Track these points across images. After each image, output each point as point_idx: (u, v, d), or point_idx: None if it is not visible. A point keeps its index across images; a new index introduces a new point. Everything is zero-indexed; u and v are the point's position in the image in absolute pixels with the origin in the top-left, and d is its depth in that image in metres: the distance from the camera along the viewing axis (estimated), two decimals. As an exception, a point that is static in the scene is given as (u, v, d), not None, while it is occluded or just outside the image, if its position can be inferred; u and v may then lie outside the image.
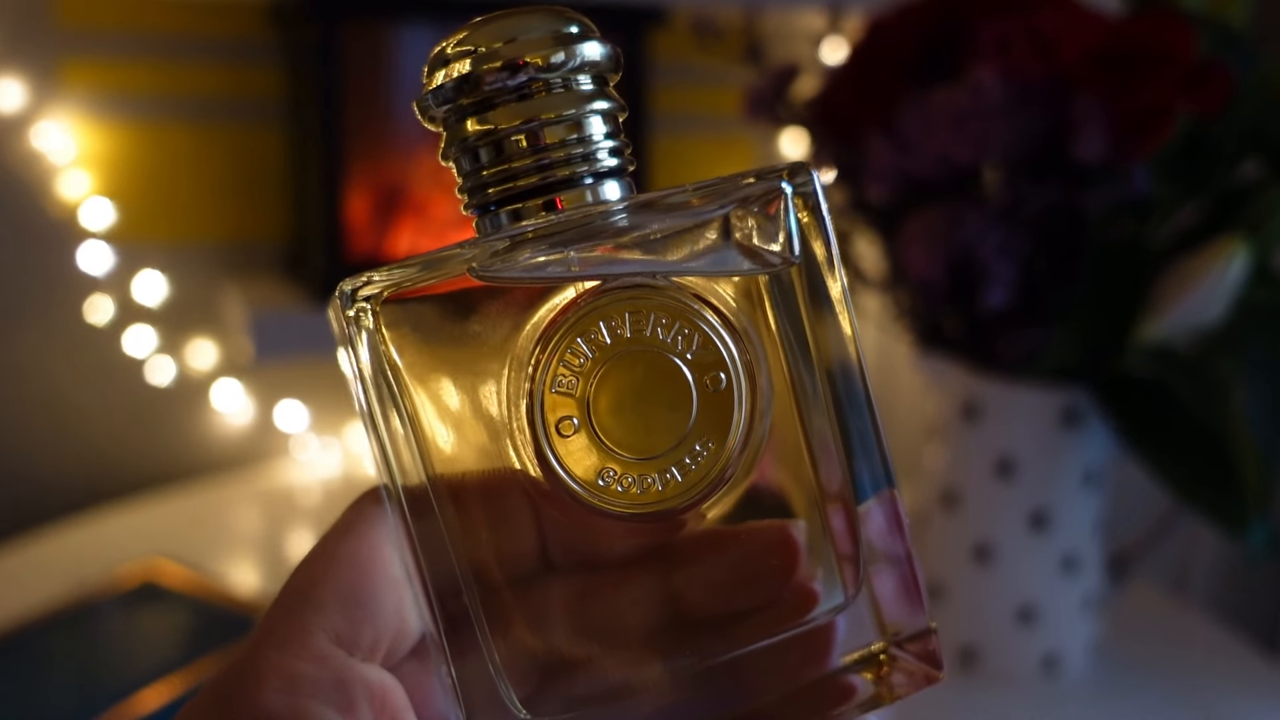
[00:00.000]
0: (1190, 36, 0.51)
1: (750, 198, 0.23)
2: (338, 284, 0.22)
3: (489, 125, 0.22)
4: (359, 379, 0.22)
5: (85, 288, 0.88)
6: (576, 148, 0.22)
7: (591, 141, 0.23)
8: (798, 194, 0.23)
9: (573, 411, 0.22)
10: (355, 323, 0.22)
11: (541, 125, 0.22)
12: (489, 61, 0.22)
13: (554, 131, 0.22)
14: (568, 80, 0.22)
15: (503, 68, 0.22)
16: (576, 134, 0.22)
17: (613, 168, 0.23)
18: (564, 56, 0.22)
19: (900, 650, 0.25)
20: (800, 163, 0.23)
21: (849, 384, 0.24)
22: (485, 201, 0.23)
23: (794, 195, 0.23)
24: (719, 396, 0.23)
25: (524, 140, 0.22)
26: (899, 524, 0.24)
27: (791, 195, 0.23)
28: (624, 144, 0.23)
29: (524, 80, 0.22)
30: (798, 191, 0.23)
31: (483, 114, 0.22)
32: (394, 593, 0.22)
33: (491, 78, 0.22)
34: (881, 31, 0.60)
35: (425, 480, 0.22)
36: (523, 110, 0.22)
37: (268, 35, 0.89)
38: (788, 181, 0.23)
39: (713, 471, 0.23)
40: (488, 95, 0.22)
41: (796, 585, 0.24)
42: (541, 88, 0.22)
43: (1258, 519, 0.53)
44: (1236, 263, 0.51)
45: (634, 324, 0.22)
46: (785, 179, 0.23)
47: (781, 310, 0.23)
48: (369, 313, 0.22)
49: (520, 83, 0.22)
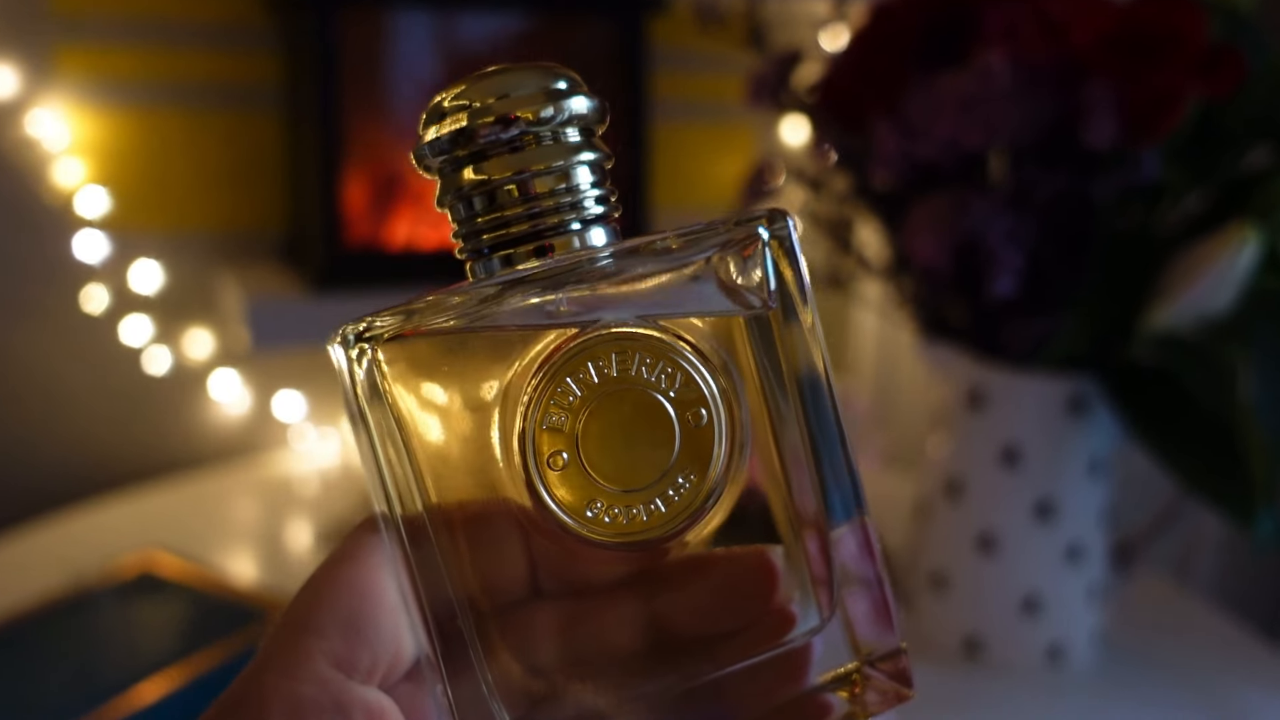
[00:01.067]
0: (1201, 20, 0.51)
1: (730, 242, 0.24)
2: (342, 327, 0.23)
3: (483, 175, 0.24)
4: (360, 414, 0.23)
5: (81, 276, 0.87)
6: (565, 196, 0.24)
7: (579, 191, 0.24)
8: (774, 238, 0.24)
9: (563, 446, 0.24)
10: (358, 362, 0.23)
11: (532, 176, 0.24)
12: (483, 116, 0.23)
13: (544, 181, 0.24)
14: (557, 133, 0.24)
15: (496, 122, 0.23)
16: (565, 184, 0.24)
17: (599, 215, 0.24)
18: (553, 111, 0.24)
19: (873, 669, 0.26)
20: (777, 209, 0.25)
21: (821, 416, 0.25)
22: (479, 247, 0.24)
23: (770, 239, 0.24)
24: (700, 432, 0.24)
25: (515, 190, 0.24)
26: (870, 548, 0.26)
27: (768, 240, 0.24)
28: (610, 191, 0.25)
29: (516, 134, 0.24)
30: (774, 235, 0.24)
31: (477, 164, 0.24)
32: (391, 618, 0.23)
33: (485, 131, 0.23)
34: (886, 15, 0.59)
35: (422, 510, 0.24)
36: (514, 162, 0.24)
37: (264, 21, 0.88)
38: (765, 227, 0.24)
39: (694, 502, 0.24)
40: (482, 148, 0.24)
41: (775, 608, 0.25)
42: (532, 140, 0.24)
43: (1265, 509, 0.53)
44: (1246, 250, 0.51)
45: (620, 364, 0.24)
46: (763, 225, 0.24)
47: (759, 345, 0.25)
48: (372, 352, 0.23)
49: (512, 136, 0.24)
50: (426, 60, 0.86)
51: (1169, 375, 0.56)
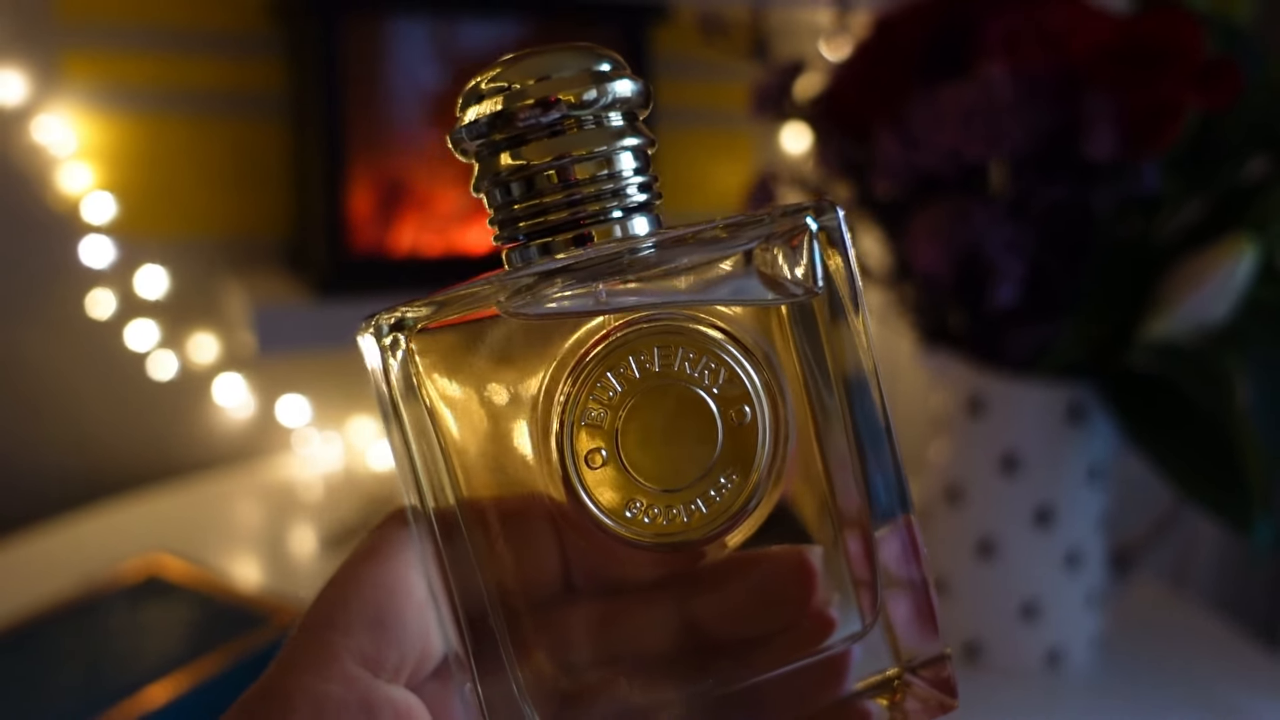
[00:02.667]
0: (1199, 33, 0.51)
1: (777, 233, 0.23)
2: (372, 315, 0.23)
3: (521, 161, 0.23)
4: (391, 405, 0.23)
5: (87, 281, 0.87)
6: (607, 183, 0.23)
7: (621, 177, 0.23)
8: (823, 229, 0.23)
9: (602, 444, 0.23)
10: (391, 352, 0.22)
11: (573, 161, 0.23)
12: (522, 99, 0.22)
13: (585, 168, 0.23)
14: (599, 117, 0.23)
15: (535, 105, 0.22)
16: (607, 170, 0.23)
17: (642, 203, 0.23)
18: (596, 94, 0.22)
19: (915, 677, 0.25)
20: (827, 199, 0.24)
21: (868, 413, 0.24)
22: (516, 234, 0.23)
23: (819, 230, 0.23)
24: (744, 430, 0.23)
25: (555, 176, 0.23)
26: (915, 550, 0.25)
27: (817, 230, 0.23)
28: (653, 179, 0.24)
29: (556, 117, 0.22)
30: (823, 226, 0.24)
31: (515, 149, 0.23)
32: (418, 615, 0.23)
33: (525, 114, 0.22)
34: (889, 27, 0.60)
35: (455, 504, 0.23)
36: (554, 146, 0.23)
37: (269, 28, 0.89)
38: (813, 218, 0.23)
39: (736, 503, 0.24)
40: (521, 131, 0.23)
41: (813, 611, 0.24)
42: (573, 124, 0.23)
43: (1262, 516, 0.53)
44: (1244, 261, 0.52)
45: (662, 358, 0.23)
46: (811, 215, 0.23)
47: (803, 339, 0.24)
48: (403, 342, 0.22)
49: (553, 120, 0.22)
50: (429, 68, 0.86)
51: (1167, 383, 0.57)
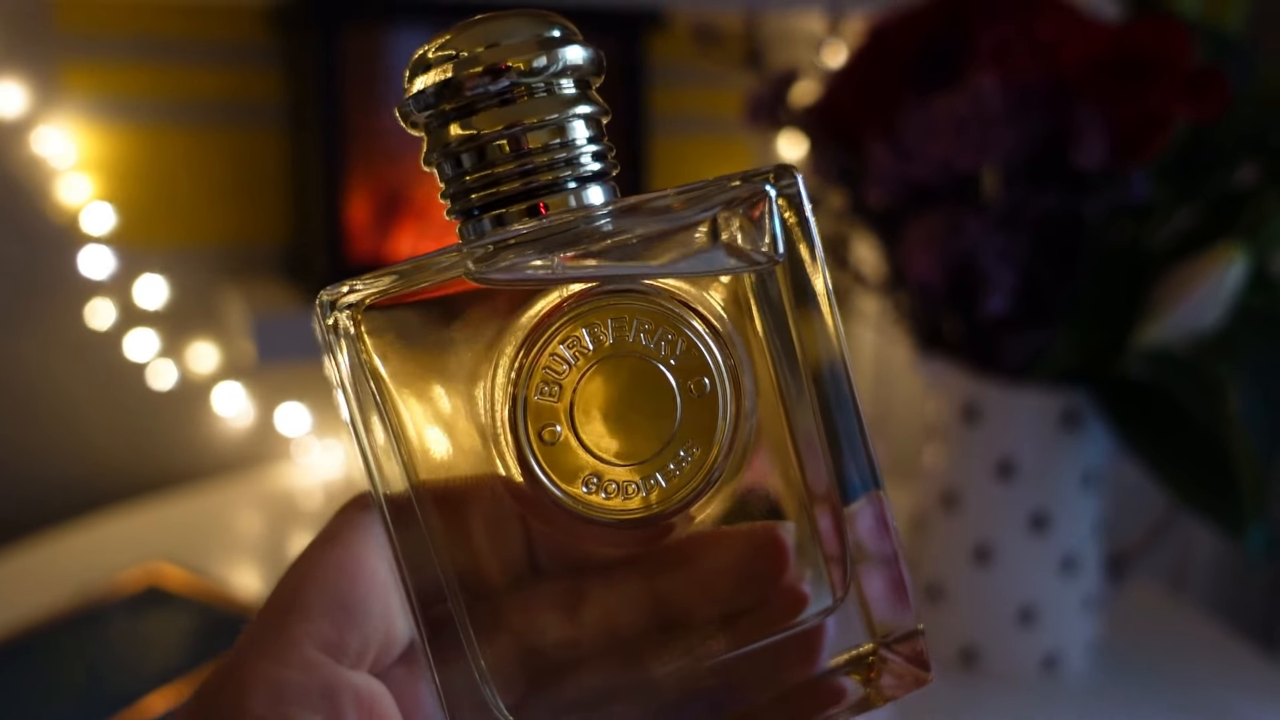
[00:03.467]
0: (1188, 43, 0.52)
1: (735, 200, 0.23)
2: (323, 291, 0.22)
3: (471, 130, 0.22)
4: (341, 387, 0.22)
5: (86, 292, 0.88)
6: (560, 152, 0.22)
7: (574, 146, 0.22)
8: (782, 195, 0.23)
9: (556, 418, 0.22)
10: (335, 331, 0.22)
11: (524, 130, 0.22)
12: (470, 66, 0.22)
13: (537, 136, 0.22)
14: (550, 84, 0.22)
15: (484, 72, 0.22)
16: (559, 138, 0.22)
17: (596, 172, 0.23)
18: (546, 61, 0.22)
19: (889, 652, 0.25)
20: (785, 165, 0.23)
21: (835, 385, 0.24)
22: (468, 207, 0.23)
23: (778, 197, 0.23)
24: (703, 401, 0.23)
25: (506, 145, 0.22)
26: (886, 524, 0.24)
27: (776, 197, 0.23)
28: (608, 148, 0.23)
29: (506, 85, 0.22)
30: (782, 193, 0.23)
31: (465, 119, 0.22)
32: (381, 599, 0.22)
33: (473, 83, 0.22)
34: (882, 36, 0.60)
35: (409, 487, 0.22)
36: (505, 115, 0.22)
37: (268, 39, 0.89)
38: (772, 184, 0.23)
39: (698, 476, 0.23)
40: (469, 100, 0.22)
41: (785, 587, 0.24)
42: (524, 92, 0.22)
43: (1255, 521, 0.54)
44: (1235, 269, 0.52)
45: (617, 330, 0.22)
46: (770, 181, 0.23)
47: (767, 312, 0.23)
48: (350, 320, 0.21)
49: (502, 88, 0.22)
50: (428, 77, 0.87)
51: (1160, 390, 0.57)
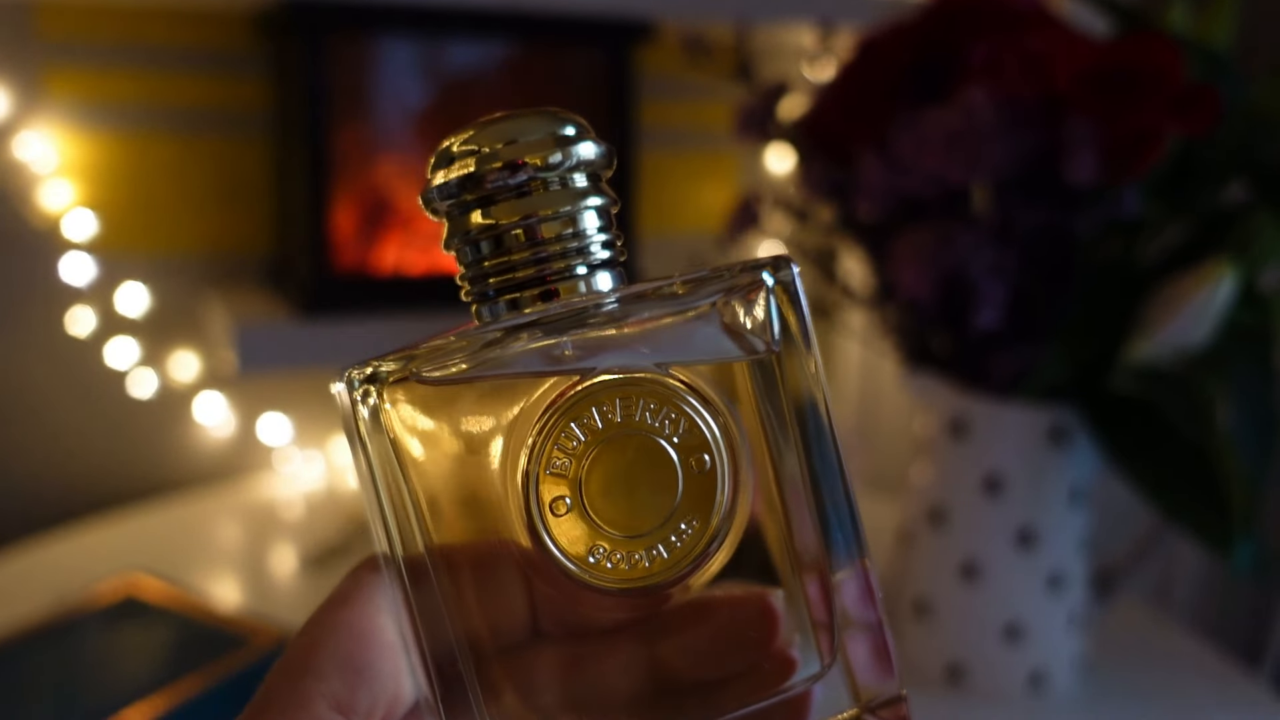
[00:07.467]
0: (1178, 59, 0.52)
1: (735, 288, 0.24)
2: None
3: (490, 220, 0.24)
4: (364, 456, 0.23)
5: (67, 299, 0.87)
6: (571, 241, 0.24)
7: (585, 235, 0.24)
8: (778, 284, 0.25)
9: (566, 492, 0.24)
10: (362, 403, 0.23)
11: (539, 221, 0.24)
12: (491, 161, 0.24)
13: (551, 227, 0.24)
14: (564, 179, 0.24)
15: (504, 167, 0.23)
16: (572, 229, 0.24)
17: (605, 260, 0.25)
18: (561, 157, 0.24)
19: (873, 716, 0.26)
20: (782, 256, 0.25)
21: (824, 459, 0.25)
22: (485, 290, 0.24)
23: (775, 285, 0.25)
24: (703, 477, 0.24)
25: (522, 234, 0.24)
26: (871, 593, 0.26)
27: (773, 285, 0.25)
28: (616, 236, 0.25)
29: (524, 179, 0.24)
30: (778, 281, 0.25)
31: (485, 209, 0.24)
32: (390, 659, 0.24)
33: (493, 176, 0.24)
34: (873, 49, 0.60)
35: (424, 551, 0.24)
36: (522, 207, 0.24)
37: (252, 46, 0.89)
38: (770, 274, 0.25)
39: (697, 548, 0.25)
40: (490, 193, 0.24)
41: (775, 653, 0.25)
42: (540, 186, 0.24)
43: (1243, 538, 0.54)
44: (1224, 285, 0.52)
45: (624, 409, 0.24)
46: (768, 271, 0.25)
47: (761, 390, 0.25)
48: (376, 394, 0.23)
49: (520, 181, 0.24)
50: (414, 87, 0.86)
51: (1149, 406, 0.57)
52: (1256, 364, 0.55)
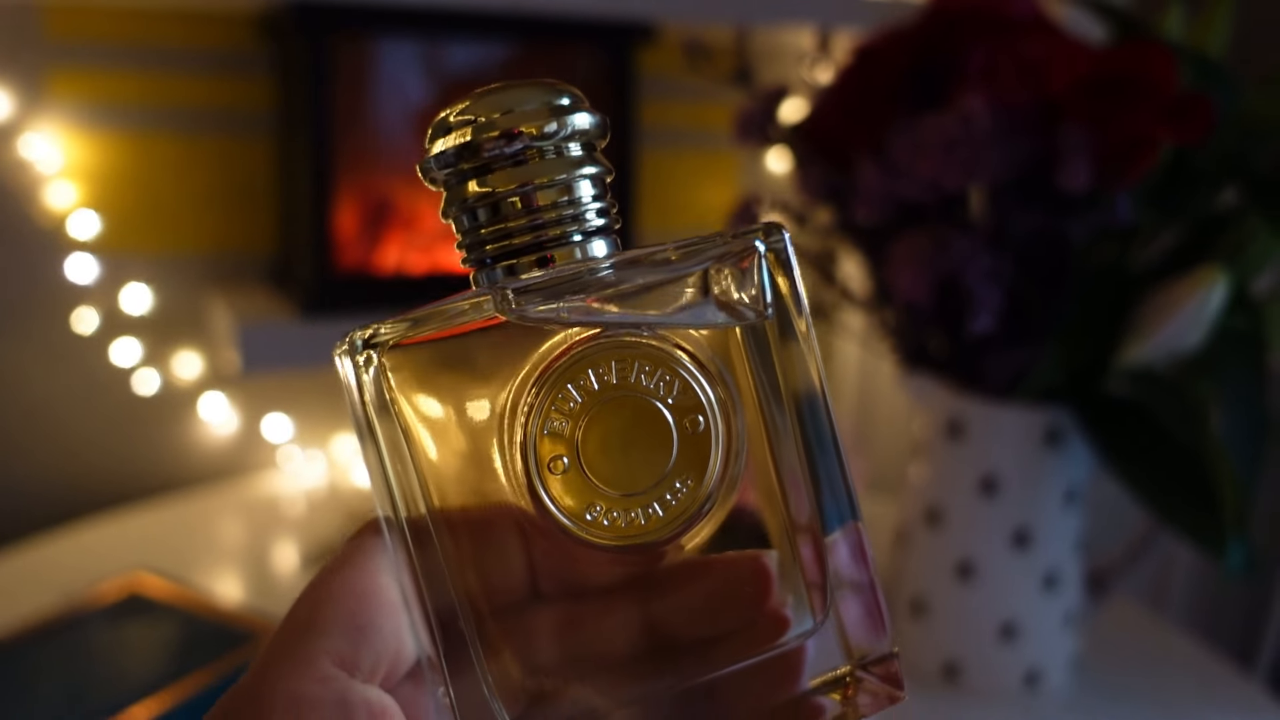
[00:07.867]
0: (1172, 67, 0.52)
1: (727, 254, 0.25)
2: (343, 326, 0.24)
3: (487, 188, 0.24)
4: (365, 421, 0.24)
5: (72, 298, 0.87)
6: (567, 209, 0.25)
7: (580, 203, 0.25)
8: (770, 250, 0.25)
9: (563, 451, 0.25)
10: (363, 367, 0.24)
11: (535, 189, 0.24)
12: (488, 131, 0.24)
13: (546, 194, 0.24)
14: (559, 147, 0.25)
15: (500, 136, 0.24)
16: (567, 196, 0.25)
17: (600, 227, 0.25)
18: (556, 126, 0.24)
19: (865, 672, 0.26)
20: (774, 223, 0.25)
21: (817, 424, 0.26)
22: (482, 257, 0.25)
23: (767, 252, 0.25)
24: (698, 438, 0.25)
25: (519, 202, 0.24)
26: (863, 554, 0.26)
27: (764, 252, 0.25)
28: (610, 204, 0.25)
29: (519, 148, 0.24)
30: (770, 248, 0.25)
31: (481, 177, 0.25)
32: (392, 618, 0.24)
33: (490, 145, 0.24)
34: (871, 55, 0.61)
35: (426, 514, 0.24)
36: (518, 175, 0.24)
37: (256, 47, 0.89)
38: (762, 240, 0.25)
39: (692, 507, 0.25)
40: (486, 161, 0.24)
41: (769, 611, 0.26)
42: (535, 154, 0.24)
43: (1235, 539, 0.54)
44: (1217, 290, 0.52)
45: (620, 371, 0.25)
46: (760, 238, 0.25)
47: (755, 356, 0.26)
48: (378, 358, 0.24)
49: (516, 150, 0.24)
50: (416, 87, 0.87)
51: (1143, 409, 0.57)
52: (1248, 368, 0.56)
